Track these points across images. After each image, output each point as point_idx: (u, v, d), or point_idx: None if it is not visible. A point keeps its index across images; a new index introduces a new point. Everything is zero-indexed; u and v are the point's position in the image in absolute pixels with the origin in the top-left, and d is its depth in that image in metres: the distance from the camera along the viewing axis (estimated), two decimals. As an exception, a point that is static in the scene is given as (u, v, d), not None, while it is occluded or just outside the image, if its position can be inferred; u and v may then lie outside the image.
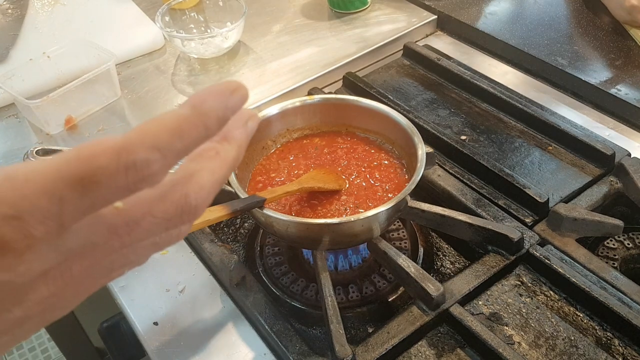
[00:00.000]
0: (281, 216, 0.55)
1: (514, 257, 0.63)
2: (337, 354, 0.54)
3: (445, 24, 1.04)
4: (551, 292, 0.62)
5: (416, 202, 0.65)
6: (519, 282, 0.63)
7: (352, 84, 0.90)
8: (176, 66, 0.99)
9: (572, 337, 0.58)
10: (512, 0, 1.06)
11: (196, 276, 0.67)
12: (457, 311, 0.58)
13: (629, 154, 0.75)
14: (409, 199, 0.59)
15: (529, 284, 0.63)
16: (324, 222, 0.55)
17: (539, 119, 0.80)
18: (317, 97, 0.71)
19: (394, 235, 0.71)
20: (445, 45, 1.01)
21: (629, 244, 0.70)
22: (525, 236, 0.65)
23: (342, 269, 0.68)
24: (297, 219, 0.56)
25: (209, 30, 1.04)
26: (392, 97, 0.85)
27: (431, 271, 0.69)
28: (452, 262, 0.70)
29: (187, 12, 1.04)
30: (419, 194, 0.72)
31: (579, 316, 0.60)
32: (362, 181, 0.64)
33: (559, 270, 0.61)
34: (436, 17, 1.04)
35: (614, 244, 0.70)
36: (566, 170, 0.75)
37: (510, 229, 0.64)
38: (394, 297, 0.65)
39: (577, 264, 0.63)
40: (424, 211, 0.65)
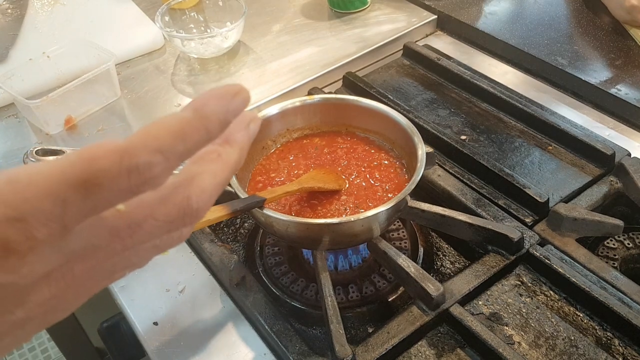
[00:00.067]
0: (281, 216, 0.55)
1: (514, 257, 0.63)
2: (337, 354, 0.54)
3: (445, 24, 1.04)
4: (551, 292, 0.62)
5: (416, 202, 0.65)
6: (519, 282, 0.63)
7: (352, 83, 0.90)
8: (176, 66, 0.99)
9: (572, 337, 0.58)
10: (512, 0, 1.06)
11: (196, 276, 0.67)
12: (457, 311, 0.58)
13: (629, 154, 0.75)
14: (409, 199, 0.59)
15: (529, 284, 0.63)
16: (324, 222, 0.55)
17: (539, 119, 0.80)
18: (317, 97, 0.71)
19: (394, 235, 0.72)
20: (445, 45, 1.01)
21: (629, 244, 0.70)
22: (525, 236, 0.65)
23: (342, 269, 0.68)
24: (297, 219, 0.56)
25: (209, 30, 1.04)
26: (392, 97, 0.85)
27: (431, 271, 0.69)
28: (452, 262, 0.70)
29: (187, 12, 1.04)
30: (419, 194, 0.72)
31: (579, 316, 0.60)
32: (362, 181, 0.64)
33: (559, 270, 0.61)
34: (436, 17, 1.04)
35: (614, 244, 0.70)
36: (566, 170, 0.75)
37: (510, 228, 0.64)
38: (394, 297, 0.65)
39: (577, 264, 0.63)
40: (424, 211, 0.65)
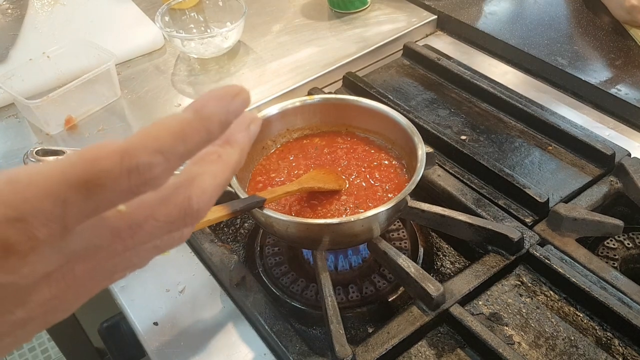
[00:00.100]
0: (281, 216, 0.55)
1: (514, 257, 0.63)
2: (337, 354, 0.54)
3: (445, 24, 1.04)
4: (551, 292, 0.62)
5: (416, 202, 0.65)
6: (519, 282, 0.63)
7: (352, 84, 0.90)
8: (176, 66, 0.99)
9: (572, 337, 0.58)
10: (512, 0, 1.06)
11: (196, 276, 0.67)
12: (457, 311, 0.58)
13: (629, 154, 0.75)
14: (409, 199, 0.59)
15: (529, 284, 0.63)
16: (324, 222, 0.55)
17: (539, 119, 0.80)
18: (317, 97, 0.71)
19: (394, 235, 0.72)
20: (445, 45, 1.01)
21: (629, 244, 0.70)
22: (525, 236, 0.65)
23: (342, 269, 0.68)
24: (297, 219, 0.56)
25: (209, 30, 1.04)
26: (392, 97, 0.85)
27: (431, 271, 0.69)
28: (452, 262, 0.70)
29: (187, 12, 1.04)
30: (419, 194, 0.72)
31: (579, 316, 0.60)
32: (362, 181, 0.64)
33: (559, 270, 0.61)
34: (436, 17, 1.04)
35: (614, 244, 0.70)
36: (566, 170, 0.75)
37: (510, 229, 0.64)
38: (394, 297, 0.65)
39: (577, 264, 0.63)
40: (424, 211, 0.65)
